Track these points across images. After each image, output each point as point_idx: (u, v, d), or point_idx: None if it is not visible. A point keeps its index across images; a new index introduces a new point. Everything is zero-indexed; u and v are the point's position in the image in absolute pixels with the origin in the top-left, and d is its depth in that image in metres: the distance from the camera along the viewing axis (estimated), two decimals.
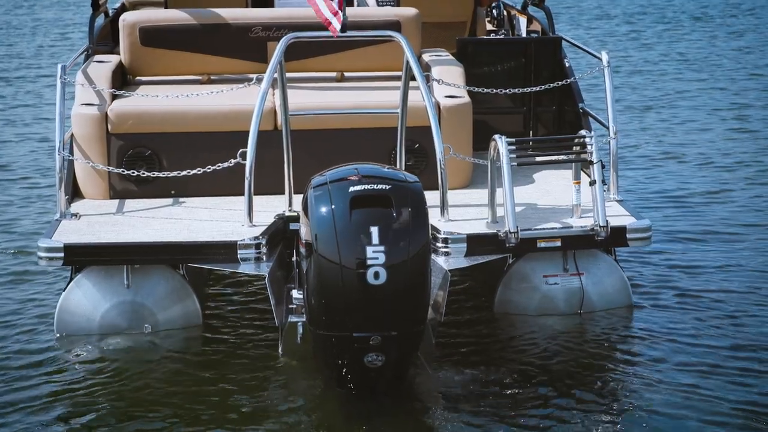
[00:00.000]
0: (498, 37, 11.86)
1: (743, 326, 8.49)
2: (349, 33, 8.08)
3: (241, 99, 9.01)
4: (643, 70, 21.23)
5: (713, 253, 10.24)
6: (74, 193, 9.03)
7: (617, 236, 8.31)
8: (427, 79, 9.07)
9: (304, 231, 7.06)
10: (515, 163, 8.16)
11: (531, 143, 8.82)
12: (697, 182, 12.87)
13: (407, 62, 8.24)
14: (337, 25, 7.88)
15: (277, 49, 8.12)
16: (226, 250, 7.96)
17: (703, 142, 14.99)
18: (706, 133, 15.64)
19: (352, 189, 6.83)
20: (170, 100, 9.11)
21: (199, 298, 8.36)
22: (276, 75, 8.19)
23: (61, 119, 8.52)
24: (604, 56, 9.33)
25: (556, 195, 9.09)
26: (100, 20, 11.44)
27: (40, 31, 28.23)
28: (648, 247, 9.85)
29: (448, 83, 9.25)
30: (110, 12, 12.08)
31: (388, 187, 6.86)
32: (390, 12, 10.16)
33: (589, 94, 16.31)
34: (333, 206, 6.80)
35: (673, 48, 24.07)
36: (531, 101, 10.55)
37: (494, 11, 12.05)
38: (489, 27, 12.21)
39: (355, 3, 12.19)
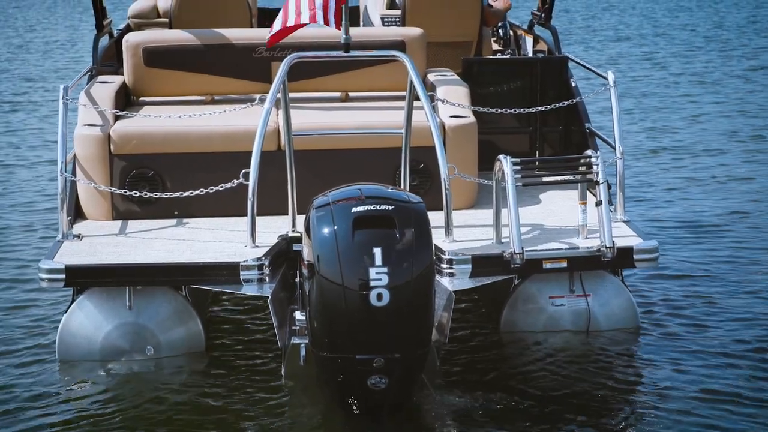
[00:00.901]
0: (504, 56, 11.81)
1: (754, 355, 8.33)
2: (353, 53, 8.05)
3: (245, 119, 8.97)
4: (657, 91, 21.16)
5: (726, 279, 10.11)
6: (77, 214, 8.98)
7: (624, 257, 8.21)
8: (432, 99, 9.00)
9: (307, 252, 6.99)
10: (520, 184, 8.09)
11: (536, 163, 8.74)
12: (711, 206, 12.72)
13: (411, 82, 8.18)
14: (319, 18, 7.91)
15: (281, 69, 8.07)
16: (229, 272, 7.90)
17: (718, 165, 14.87)
18: (722, 155, 15.51)
19: (354, 210, 6.77)
20: (173, 120, 9.07)
21: (201, 320, 8.30)
22: (279, 95, 8.15)
23: (63, 140, 8.48)
24: (610, 76, 9.26)
25: (562, 215, 9.01)
26: (105, 41, 11.43)
27: (52, 53, 28.32)
28: (659, 271, 9.77)
29: (453, 103, 9.19)
30: (115, 33, 12.08)
31: (391, 207, 6.80)
32: (395, 32, 10.12)
33: (601, 115, 16.28)
34: (335, 227, 6.74)
35: (687, 69, 24.00)
36: (537, 121, 10.48)
37: (500, 31, 12.00)
38: (495, 47, 12.16)
39: (361, 23, 12.17)
